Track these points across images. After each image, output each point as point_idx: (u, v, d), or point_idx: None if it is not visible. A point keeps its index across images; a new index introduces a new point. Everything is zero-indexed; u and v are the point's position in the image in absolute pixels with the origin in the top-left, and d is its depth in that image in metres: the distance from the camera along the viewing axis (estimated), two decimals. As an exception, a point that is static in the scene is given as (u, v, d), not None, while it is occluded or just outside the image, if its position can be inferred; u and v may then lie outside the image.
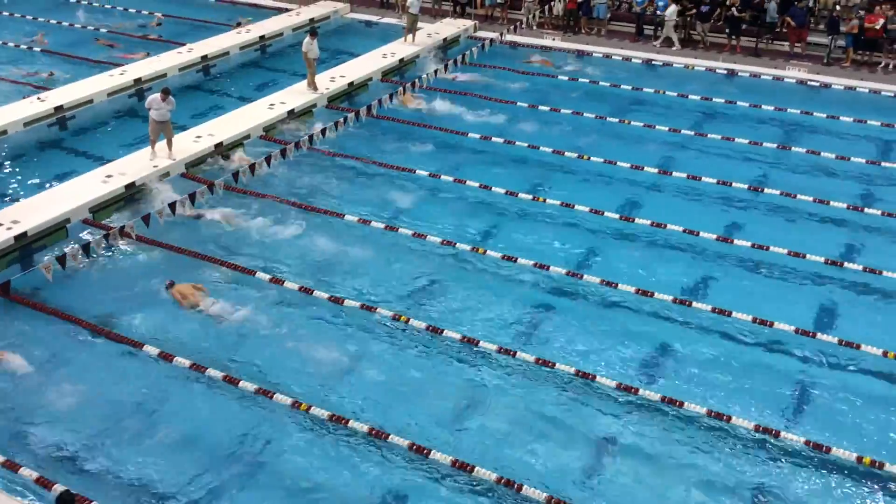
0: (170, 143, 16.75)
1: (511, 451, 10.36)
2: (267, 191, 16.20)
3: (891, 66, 22.20)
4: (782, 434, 10.39)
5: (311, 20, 25.96)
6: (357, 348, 12.13)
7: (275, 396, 10.99)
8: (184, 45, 23.36)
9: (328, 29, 26.03)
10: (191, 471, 10.00)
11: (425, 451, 10.15)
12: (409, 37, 23.83)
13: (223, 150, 17.58)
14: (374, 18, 27.25)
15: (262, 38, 24.67)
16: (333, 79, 21.24)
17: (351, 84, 21.22)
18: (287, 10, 27.39)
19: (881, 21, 21.89)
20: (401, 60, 22.88)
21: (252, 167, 16.50)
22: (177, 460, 10.16)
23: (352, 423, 10.56)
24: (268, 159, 16.86)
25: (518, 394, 11.28)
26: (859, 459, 10.01)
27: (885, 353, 11.64)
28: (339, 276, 13.74)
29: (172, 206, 14.97)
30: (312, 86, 20.26)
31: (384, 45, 23.72)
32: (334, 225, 15.15)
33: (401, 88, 20.19)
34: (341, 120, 18.67)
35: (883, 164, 17.30)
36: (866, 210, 15.49)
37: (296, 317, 12.77)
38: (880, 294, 13.23)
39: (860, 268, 13.64)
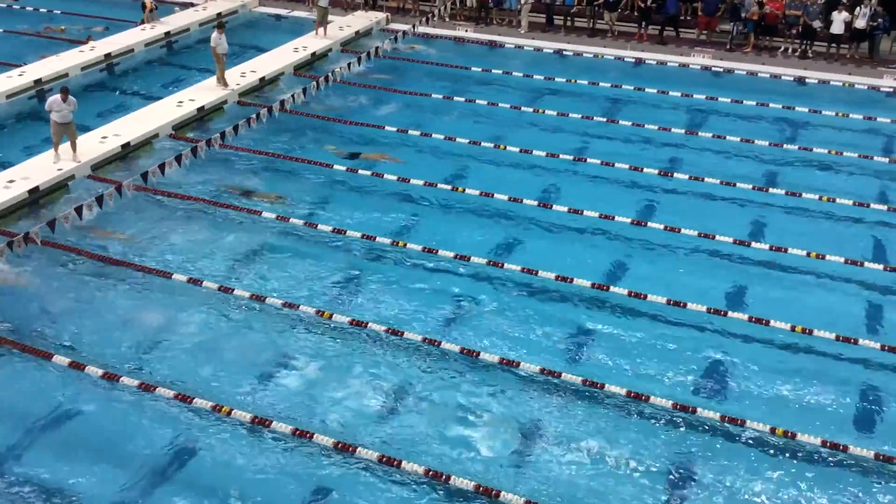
0: (73, 145, 16.13)
1: (438, 442, 10.38)
2: (178, 190, 15.79)
3: (790, 51, 23.07)
4: (699, 411, 10.71)
5: (219, 14, 25.38)
6: (306, 354, 11.95)
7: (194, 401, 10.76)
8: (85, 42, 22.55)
9: (237, 23, 25.52)
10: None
11: (350, 448, 10.09)
12: (321, 30, 23.55)
13: (129, 150, 17.05)
14: (283, 12, 26.82)
15: (167, 34, 23.97)
16: (244, 74, 20.83)
17: (262, 79, 20.84)
18: (193, 4, 26.69)
19: (778, 8, 22.74)
20: (313, 54, 22.59)
21: (162, 167, 16.03)
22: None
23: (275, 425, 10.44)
24: (178, 158, 16.41)
25: (445, 385, 11.31)
26: (773, 430, 10.41)
27: (792, 328, 12.11)
28: (257, 274, 13.52)
29: (79, 209, 14.44)
30: (222, 82, 19.82)
31: (295, 39, 23.38)
32: (250, 222, 14.90)
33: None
34: (253, 116, 18.32)
35: (785, 145, 17.97)
36: (770, 190, 16.08)
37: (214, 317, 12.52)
38: (786, 271, 13.75)
39: (766, 247, 14.16)
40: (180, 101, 19.12)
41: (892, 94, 20.59)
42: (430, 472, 9.79)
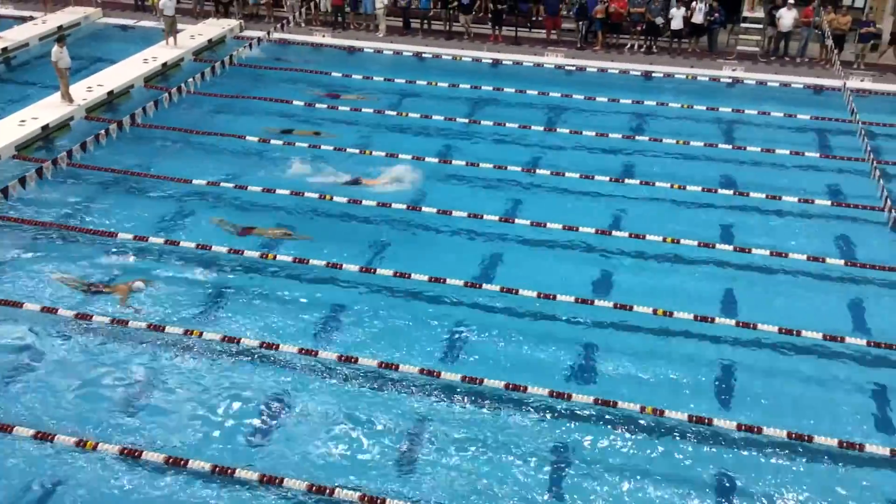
0: None
1: (318, 455, 10.24)
2: (22, 214, 14.85)
3: (636, 47, 24.17)
4: (574, 396, 11.04)
5: (60, 27, 24.06)
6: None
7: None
8: None
9: (80, 36, 24.31)
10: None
11: (229, 471, 9.79)
12: (171, 40, 22.74)
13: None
14: (129, 22, 25.72)
15: (4, 49, 22.52)
16: (91, 88, 19.85)
17: (111, 93, 19.92)
18: (31, 17, 25.15)
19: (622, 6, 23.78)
20: (164, 65, 21.78)
21: (5, 191, 15.03)
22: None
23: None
24: (22, 181, 15.42)
25: (326, 393, 11.16)
26: (642, 409, 10.86)
27: (654, 311, 12.68)
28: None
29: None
30: (67, 97, 18.80)
31: (144, 50, 22.50)
32: (103, 245, 14.22)
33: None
34: (103, 132, 17.46)
35: (636, 137, 18.81)
36: (627, 181, 16.78)
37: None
38: (646, 257, 14.38)
39: (626, 234, 14.77)
40: (22, 120, 18.00)
41: (732, 85, 21.95)
42: (314, 487, 9.62)
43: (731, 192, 16.38)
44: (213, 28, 24.61)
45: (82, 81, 20.13)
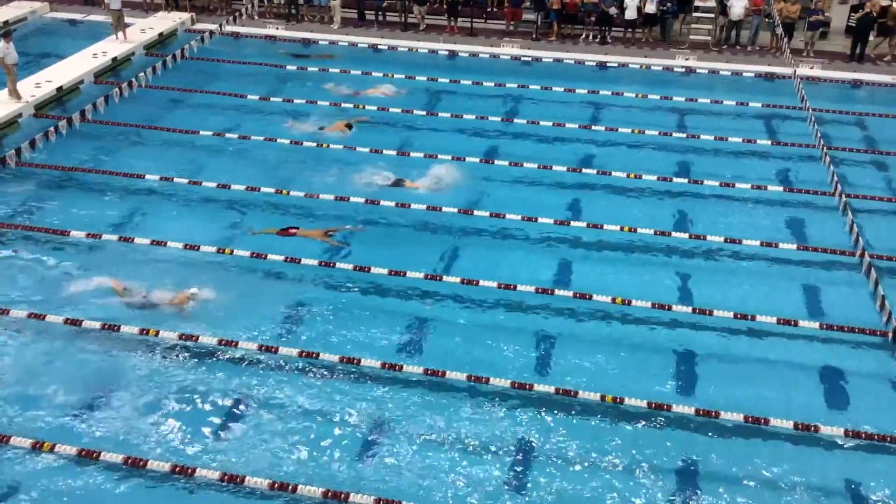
0: None
1: (284, 453, 10.18)
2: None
3: (590, 38, 24.31)
4: (535, 386, 11.11)
5: (6, 23, 23.48)
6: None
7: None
8: None
9: (27, 31, 23.75)
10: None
11: (189, 471, 9.68)
12: (120, 34, 22.30)
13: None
14: (78, 17, 25.15)
15: (-55, 45, 21.86)
16: (39, 84, 19.40)
17: (60, 89, 19.48)
18: (-27, 12, 24.52)
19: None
20: (114, 59, 21.37)
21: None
22: None
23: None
24: (-31, 180, 15.05)
25: (288, 389, 11.09)
26: (602, 398, 10.97)
27: (613, 300, 12.80)
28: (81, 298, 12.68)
29: None
30: (15, 94, 18.35)
31: (94, 45, 22.04)
32: (57, 243, 13.94)
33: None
34: (52, 129, 17.08)
35: (593, 127, 18.93)
36: (584, 170, 16.89)
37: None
38: (605, 247, 14.50)
39: (584, 224, 14.88)
40: (-33, 118, 17.55)
41: (685, 74, 22.20)
42: (276, 485, 9.55)
43: (686, 180, 16.57)
44: (164, 21, 24.19)
45: (30, 77, 19.69)
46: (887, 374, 11.65)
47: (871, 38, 22.61)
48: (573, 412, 10.89)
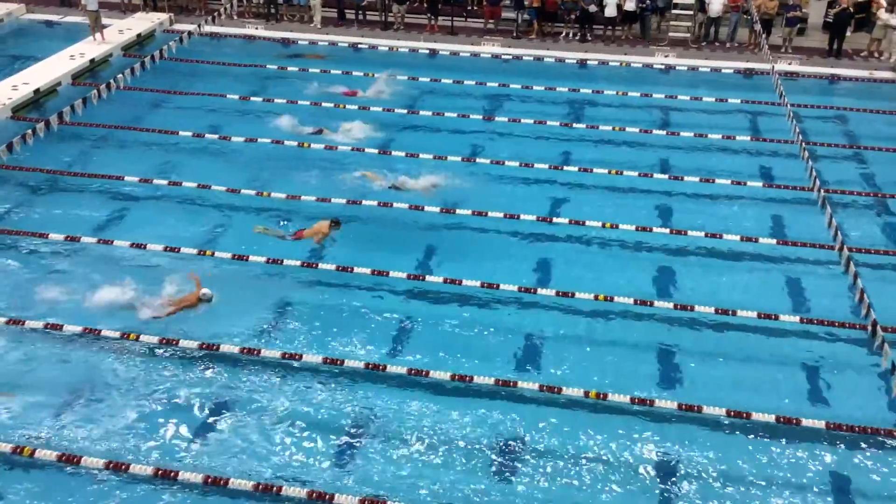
0: None
1: (268, 454, 10.13)
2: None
3: (570, 36, 24.36)
4: (520, 384, 11.14)
5: (-20, 24, 23.24)
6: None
7: None
8: None
9: (3, 33, 23.59)
10: None
11: (172, 474, 9.62)
12: (98, 35, 22.12)
13: None
14: (55, 18, 24.91)
15: (-81, 48, 21.66)
16: (16, 87, 19.22)
17: (37, 91, 19.30)
18: (-51, 15, 24.25)
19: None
20: (92, 61, 21.19)
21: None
22: None
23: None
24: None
25: (270, 391, 11.05)
26: (586, 394, 11.01)
27: (595, 297, 12.84)
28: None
29: None
30: (-10, 96, 18.17)
31: (71, 46, 21.84)
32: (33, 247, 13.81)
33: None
34: (30, 132, 16.92)
35: (573, 125, 18.97)
36: (565, 168, 16.93)
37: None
38: (587, 243, 14.55)
39: (566, 221, 14.91)
40: (-58, 121, 17.36)
41: (665, 71, 22.30)
42: (260, 486, 9.52)
43: (667, 176, 16.66)
44: (142, 22, 24.00)
45: (7, 80, 19.53)
46: (867, 367, 11.76)
47: (849, 33, 22.82)
48: (558, 408, 10.90)
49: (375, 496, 9.46)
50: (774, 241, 14.49)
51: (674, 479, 9.99)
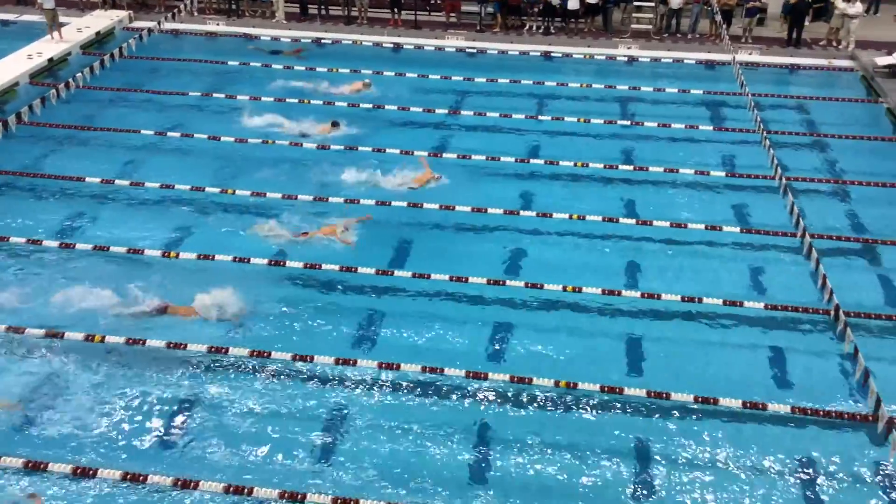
0: None
1: (238, 455, 10.07)
2: None
3: (534, 28, 24.42)
4: (490, 376, 11.17)
5: (-67, 23, 22.71)
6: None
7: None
8: None
9: (-43, 32, 23.03)
10: None
11: (141, 477, 9.51)
12: (55, 34, 21.74)
13: None
14: (11, 17, 24.46)
15: None
16: (-28, 87, 18.85)
17: (-7, 91, 18.98)
18: None
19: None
20: (50, 60, 20.83)
21: None
22: None
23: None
24: None
25: (239, 390, 10.97)
26: (556, 383, 11.07)
27: (564, 288, 12.90)
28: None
29: None
30: (-55, 97, 17.78)
31: (28, 45, 21.48)
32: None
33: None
34: (-13, 132, 16.62)
35: (539, 117, 19.03)
36: (532, 160, 16.99)
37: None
38: (553, 234, 14.61)
39: (533, 214, 14.97)
40: None
41: (628, 63, 22.45)
42: (231, 488, 9.45)
43: (631, 167, 16.78)
44: (100, 20, 23.65)
45: (-38, 81, 19.15)
46: (830, 352, 11.96)
47: (807, 22, 23.14)
48: (529, 398, 10.96)
49: (348, 496, 9.42)
50: (738, 228, 14.67)
51: (643, 465, 10.08)
